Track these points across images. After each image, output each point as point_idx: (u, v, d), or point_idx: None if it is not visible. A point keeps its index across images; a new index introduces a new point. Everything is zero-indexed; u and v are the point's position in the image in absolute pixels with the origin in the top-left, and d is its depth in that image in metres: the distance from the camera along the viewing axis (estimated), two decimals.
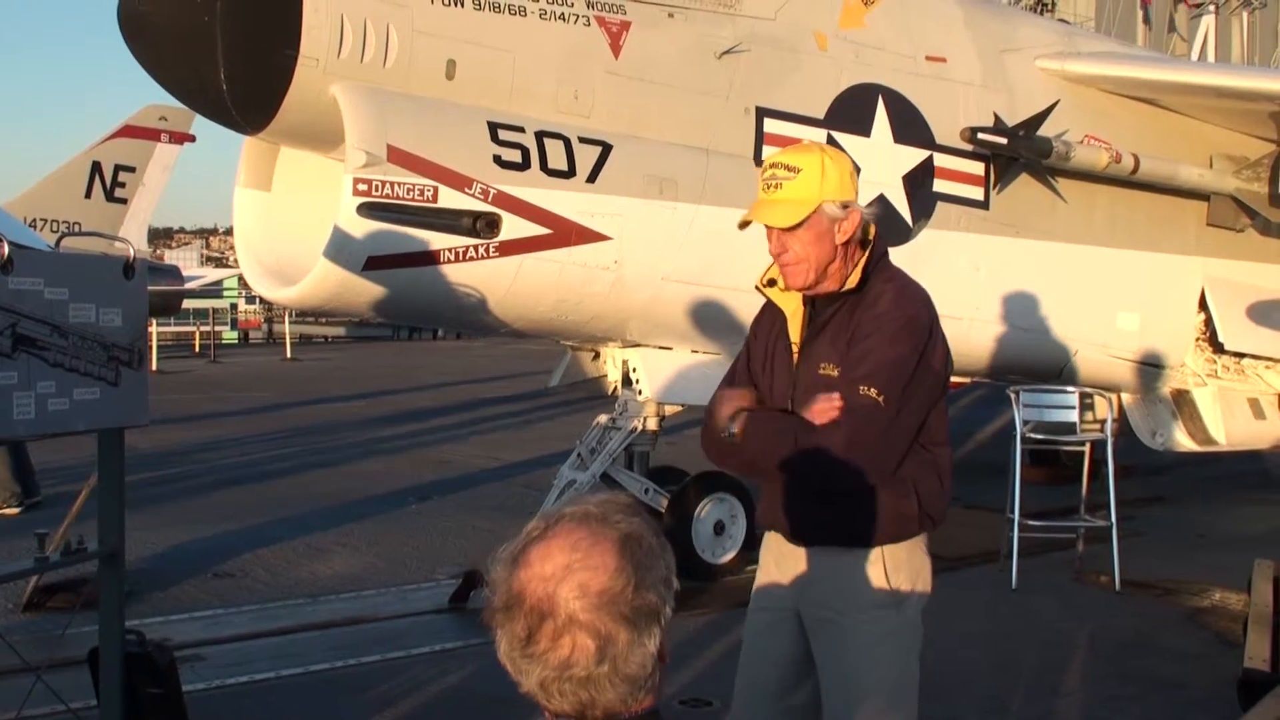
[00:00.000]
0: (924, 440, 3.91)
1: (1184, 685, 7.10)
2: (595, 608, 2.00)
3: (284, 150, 8.14)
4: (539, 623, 2.00)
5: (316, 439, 17.57)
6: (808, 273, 3.81)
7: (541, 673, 2.00)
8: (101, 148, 24.14)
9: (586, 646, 1.99)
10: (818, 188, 3.74)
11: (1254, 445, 12.20)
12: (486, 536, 10.57)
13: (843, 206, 3.77)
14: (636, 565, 2.05)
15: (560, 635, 1.99)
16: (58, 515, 8.25)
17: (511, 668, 2.04)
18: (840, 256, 3.82)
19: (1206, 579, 9.35)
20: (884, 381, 3.70)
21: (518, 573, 2.03)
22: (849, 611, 3.84)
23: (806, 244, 3.77)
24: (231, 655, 7.51)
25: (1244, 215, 11.33)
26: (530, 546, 2.05)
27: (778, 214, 3.78)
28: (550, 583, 2.00)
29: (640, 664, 2.03)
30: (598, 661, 1.99)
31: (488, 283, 7.74)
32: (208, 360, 35.08)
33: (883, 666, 3.84)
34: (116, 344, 4.91)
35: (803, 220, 3.75)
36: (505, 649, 2.03)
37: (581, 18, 7.90)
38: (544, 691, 2.02)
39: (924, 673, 3.97)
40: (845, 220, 3.78)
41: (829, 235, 3.77)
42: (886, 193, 9.27)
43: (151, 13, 7.13)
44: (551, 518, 2.10)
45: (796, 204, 3.75)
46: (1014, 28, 10.74)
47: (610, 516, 2.10)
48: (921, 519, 3.93)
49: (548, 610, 2.00)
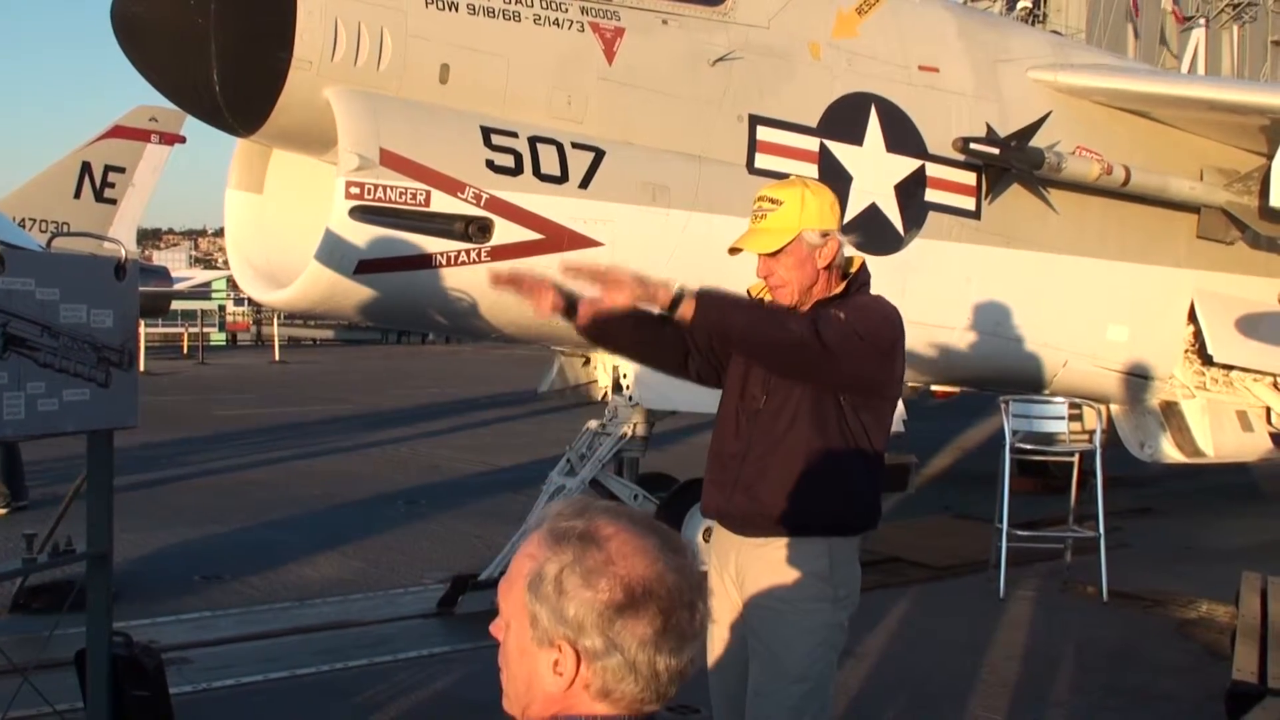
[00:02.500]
0: (863, 445, 4.18)
1: (1171, 697, 7.11)
2: (692, 581, 2.07)
3: (276, 153, 8.13)
4: (672, 605, 2.02)
5: (304, 442, 17.53)
6: (793, 294, 4.19)
7: (668, 659, 2.02)
8: (91, 148, 24.10)
9: (692, 620, 2.05)
10: (798, 218, 4.14)
11: (1242, 457, 12.22)
12: (474, 542, 10.56)
13: (822, 235, 4.15)
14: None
15: (684, 610, 2.04)
16: (45, 516, 8.22)
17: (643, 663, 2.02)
18: (824, 280, 4.20)
19: (1194, 591, 9.36)
20: (856, 320, 4.03)
21: (620, 569, 2.02)
22: (789, 599, 4.11)
23: (790, 268, 4.17)
24: (218, 658, 7.48)
25: (1234, 228, 11.35)
26: (606, 544, 2.04)
27: (761, 241, 4.19)
28: (659, 564, 2.04)
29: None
30: (699, 632, 2.07)
31: (479, 287, 7.72)
32: (195, 362, 35.00)
33: (811, 656, 4.12)
34: (107, 345, 4.90)
35: (784, 246, 4.14)
36: (639, 643, 2.01)
37: (575, 23, 7.90)
38: (666, 679, 2.03)
39: (912, 681, 4.02)
40: (824, 247, 4.16)
41: (810, 260, 4.16)
42: (878, 202, 9.28)
43: (145, 14, 7.12)
44: (585, 516, 2.10)
45: (778, 232, 4.15)
46: (1007, 39, 10.76)
47: (619, 506, 2.18)
48: (860, 516, 4.22)
49: (674, 590, 2.03)
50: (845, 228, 9.47)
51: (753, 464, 4.18)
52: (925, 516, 12.18)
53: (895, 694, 7.02)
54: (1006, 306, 10.21)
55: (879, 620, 8.50)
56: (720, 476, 4.29)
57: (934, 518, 12.23)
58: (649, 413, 8.90)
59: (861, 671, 7.35)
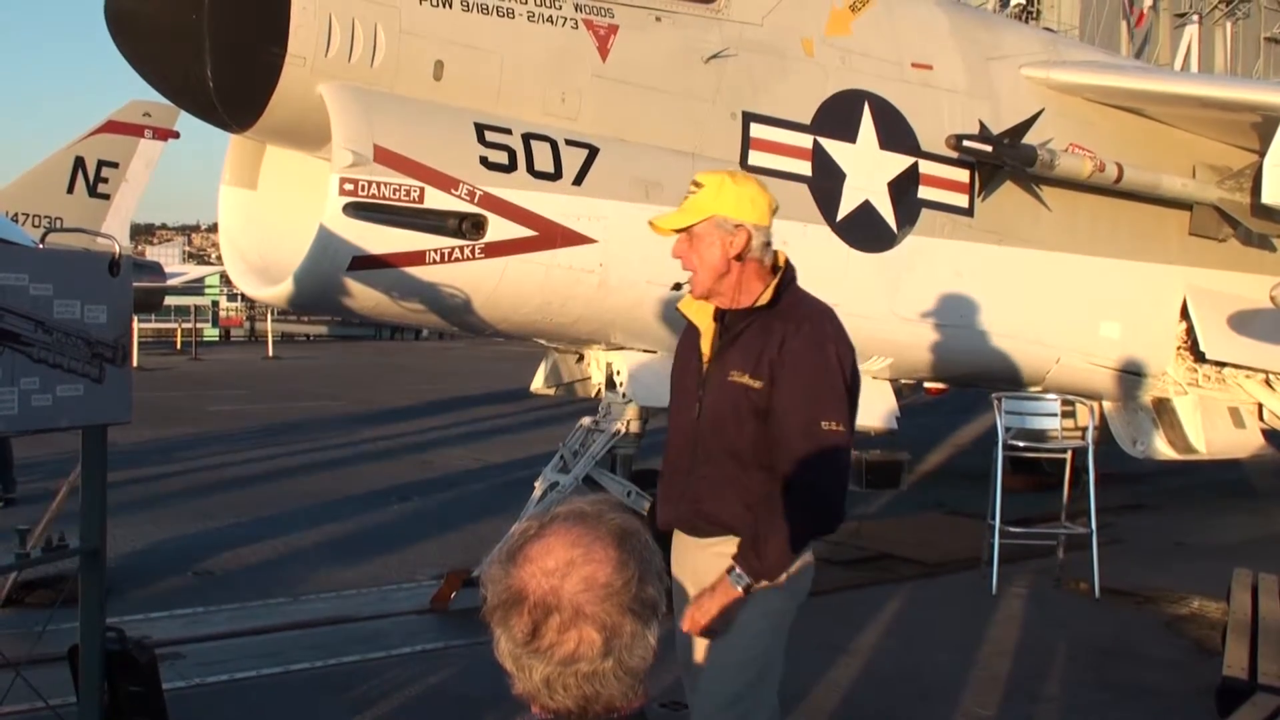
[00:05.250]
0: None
1: (1162, 693, 7.13)
2: (601, 600, 2.00)
3: (270, 149, 8.13)
4: (544, 617, 1.99)
5: (297, 438, 17.53)
6: (705, 281, 4.23)
7: (546, 669, 1.99)
8: (85, 143, 24.07)
9: (593, 640, 1.99)
10: (713, 201, 4.20)
11: (1234, 454, 12.24)
12: (468, 538, 10.56)
13: (735, 225, 4.18)
14: (638, 559, 2.07)
15: (566, 629, 1.99)
16: (38, 512, 8.22)
17: (513, 665, 2.03)
18: (736, 271, 4.20)
19: (1185, 587, 9.39)
20: (836, 410, 4.10)
21: (516, 570, 2.03)
22: None
23: (699, 251, 4.21)
24: (212, 653, 7.49)
25: (1226, 225, 11.38)
26: (528, 544, 2.05)
27: (672, 218, 4.30)
28: (553, 577, 2.01)
29: (642, 657, 2.05)
30: (604, 655, 2.00)
31: (473, 284, 7.73)
32: (189, 357, 35.01)
33: (760, 637, 4.17)
34: (101, 340, 4.90)
35: (692, 225, 4.20)
36: (507, 647, 2.02)
37: (569, 20, 7.90)
38: (547, 689, 2.01)
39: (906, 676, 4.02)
40: (735, 236, 4.17)
41: (718, 245, 4.17)
42: (871, 199, 9.30)
43: (139, 9, 7.11)
44: (545, 517, 2.11)
45: (691, 212, 4.23)
46: (999, 36, 10.77)
47: (604, 514, 2.11)
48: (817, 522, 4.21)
49: (553, 604, 2.00)
50: (838, 225, 9.51)
51: (697, 479, 4.24)
52: (918, 513, 12.19)
53: (888, 690, 7.03)
54: (999, 303, 10.22)
55: (872, 617, 8.52)
56: (669, 492, 4.38)
57: (926, 514, 12.24)
58: (642, 409, 8.91)
59: (854, 667, 7.37)
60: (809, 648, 7.82)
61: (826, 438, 4.04)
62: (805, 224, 8.93)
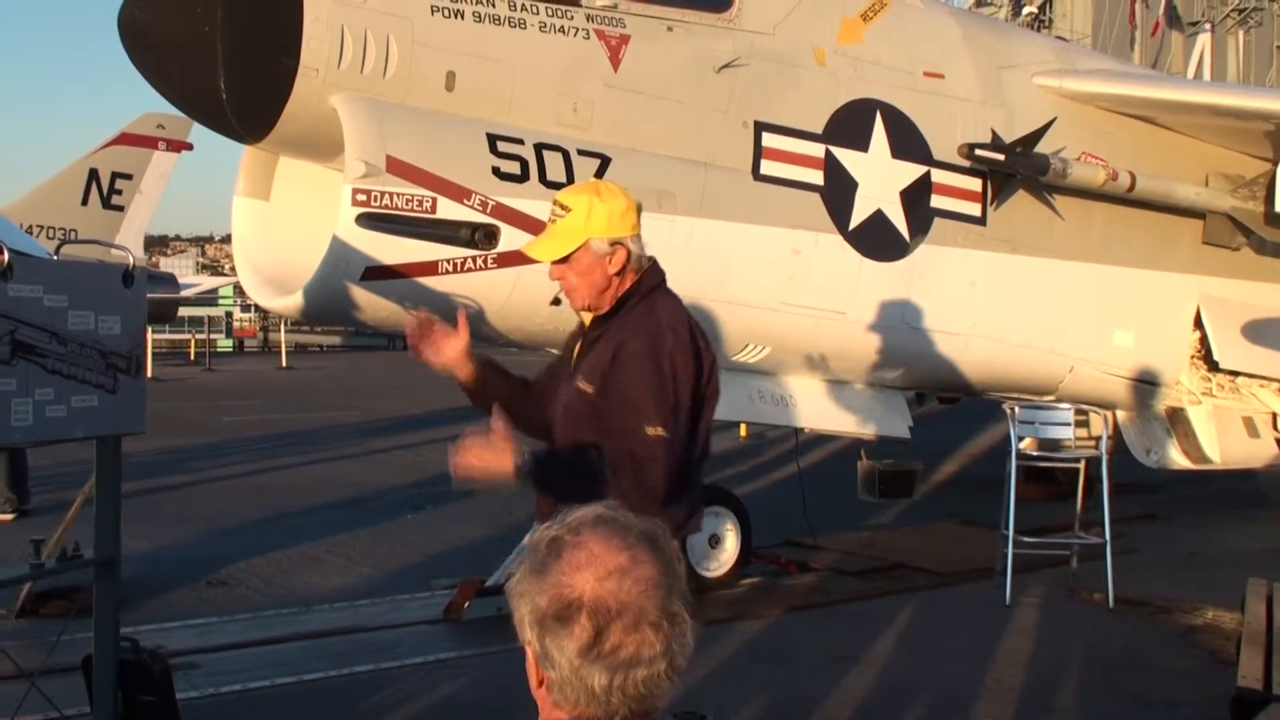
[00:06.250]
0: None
1: (1176, 704, 7.10)
2: (657, 602, 2.00)
3: (283, 160, 8.15)
4: (607, 622, 1.97)
5: (311, 448, 17.55)
6: (584, 298, 4.23)
7: (608, 676, 1.97)
8: (99, 155, 24.09)
9: (653, 642, 1.99)
10: (584, 226, 4.13)
11: (1248, 464, 12.20)
12: (481, 548, 10.55)
13: (611, 243, 4.14)
14: (675, 558, 2.07)
15: (629, 631, 1.98)
16: (53, 522, 8.24)
17: (571, 675, 1.99)
18: (616, 285, 4.20)
19: (1200, 597, 9.34)
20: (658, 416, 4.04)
21: (564, 578, 2.00)
22: None
23: (578, 274, 4.18)
24: (225, 664, 7.50)
25: (1240, 234, 11.35)
26: (568, 552, 2.03)
27: (545, 248, 4.24)
28: (610, 580, 1.99)
29: (686, 657, 2.04)
30: (663, 655, 1.99)
31: (486, 294, 7.74)
32: (203, 368, 35.08)
33: None
34: (115, 351, 4.92)
35: (569, 254, 4.14)
36: (568, 657, 1.98)
37: (581, 30, 7.92)
38: (605, 695, 1.98)
39: (919, 687, 4.00)
40: (613, 255, 4.15)
41: (597, 267, 4.15)
42: (884, 208, 9.30)
43: (152, 21, 7.14)
44: (569, 525, 2.08)
45: (564, 239, 4.16)
46: (1012, 45, 10.77)
47: (627, 519, 2.11)
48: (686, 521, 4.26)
49: (614, 608, 1.98)
50: (851, 234, 9.51)
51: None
52: (931, 523, 12.17)
53: (901, 701, 7.01)
54: (1012, 313, 10.21)
55: (884, 627, 8.51)
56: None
57: (939, 524, 12.21)
58: None
59: (867, 678, 7.35)
60: (822, 658, 7.83)
61: (644, 444, 4.01)
62: (818, 233, 8.94)
